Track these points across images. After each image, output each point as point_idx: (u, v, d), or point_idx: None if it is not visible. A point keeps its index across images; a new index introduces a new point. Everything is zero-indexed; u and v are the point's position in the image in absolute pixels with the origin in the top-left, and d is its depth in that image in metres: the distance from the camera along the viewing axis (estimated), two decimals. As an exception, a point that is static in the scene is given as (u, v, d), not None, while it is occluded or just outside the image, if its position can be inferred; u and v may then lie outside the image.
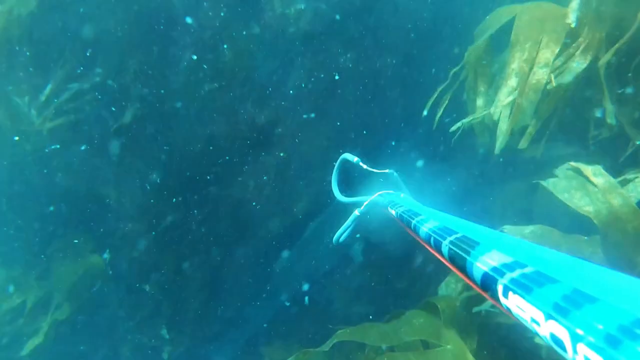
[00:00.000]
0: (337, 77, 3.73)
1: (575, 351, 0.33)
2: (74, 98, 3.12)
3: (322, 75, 3.69)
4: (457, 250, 0.61)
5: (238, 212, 4.07)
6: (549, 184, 1.88)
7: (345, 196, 2.09)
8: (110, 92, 2.96)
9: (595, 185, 1.70)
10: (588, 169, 1.79)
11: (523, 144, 2.86)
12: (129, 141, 3.59)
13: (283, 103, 3.67)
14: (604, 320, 0.32)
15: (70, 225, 4.07)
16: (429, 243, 0.81)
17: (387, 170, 2.07)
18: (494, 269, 0.49)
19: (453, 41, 3.32)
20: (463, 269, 0.58)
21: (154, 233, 4.08)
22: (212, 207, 4.05)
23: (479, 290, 0.55)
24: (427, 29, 3.47)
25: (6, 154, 3.64)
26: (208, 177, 3.94)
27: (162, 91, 3.13)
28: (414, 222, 0.95)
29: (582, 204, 1.71)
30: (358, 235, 3.59)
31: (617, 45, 2.32)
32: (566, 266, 0.42)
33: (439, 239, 0.71)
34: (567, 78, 2.53)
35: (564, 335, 0.35)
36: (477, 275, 0.53)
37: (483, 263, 0.52)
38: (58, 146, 3.14)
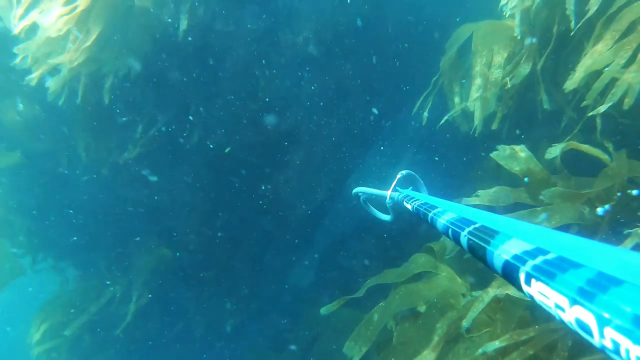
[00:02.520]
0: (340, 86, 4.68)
1: (602, 335, 0.32)
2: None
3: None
4: (477, 240, 0.61)
5: (270, 210, 5.05)
6: (494, 154, 2.80)
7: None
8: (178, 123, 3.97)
9: (521, 156, 2.65)
10: (517, 147, 2.73)
11: (495, 125, 3.79)
12: (184, 164, 4.57)
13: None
14: (631, 302, 0.31)
15: (140, 229, 5.07)
16: (447, 235, 0.81)
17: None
18: (516, 257, 0.48)
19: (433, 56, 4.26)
20: (483, 258, 0.58)
21: (202, 232, 5.08)
22: (250, 208, 5.03)
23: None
24: (411, 48, 4.41)
25: (89, 184, 4.64)
26: (245, 183, 4.91)
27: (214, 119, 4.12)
28: (430, 214, 0.95)
29: (513, 166, 2.65)
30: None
31: (546, 53, 3.23)
32: (588, 251, 0.41)
33: (458, 230, 0.71)
34: (517, 80, 3.46)
35: (590, 320, 0.34)
36: (498, 264, 0.52)
37: (504, 252, 0.51)
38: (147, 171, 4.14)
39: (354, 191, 1.99)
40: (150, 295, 5.06)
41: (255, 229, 5.14)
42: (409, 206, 1.17)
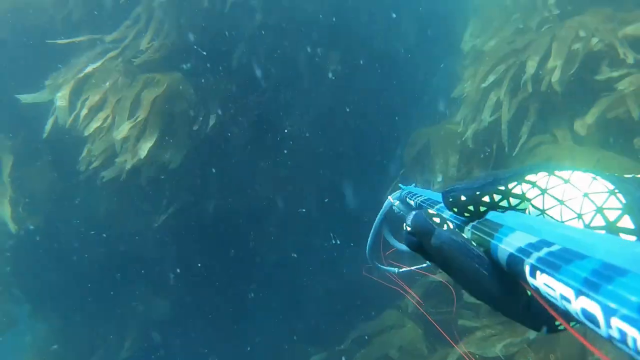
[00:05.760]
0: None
1: (608, 325, 0.32)
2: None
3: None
4: (480, 234, 0.58)
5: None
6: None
7: None
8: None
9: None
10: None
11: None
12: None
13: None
14: (636, 291, 0.31)
15: (135, 281, 5.62)
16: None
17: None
18: (520, 250, 0.47)
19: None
20: (487, 252, 0.56)
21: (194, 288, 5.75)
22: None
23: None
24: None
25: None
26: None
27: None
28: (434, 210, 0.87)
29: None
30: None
31: (491, 164, 4.44)
32: (593, 241, 0.40)
33: (461, 224, 0.66)
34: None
35: (596, 310, 0.33)
36: (502, 258, 0.51)
37: (507, 244, 0.50)
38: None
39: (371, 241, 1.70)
40: (142, 342, 5.59)
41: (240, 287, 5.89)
42: (412, 202, 1.17)
